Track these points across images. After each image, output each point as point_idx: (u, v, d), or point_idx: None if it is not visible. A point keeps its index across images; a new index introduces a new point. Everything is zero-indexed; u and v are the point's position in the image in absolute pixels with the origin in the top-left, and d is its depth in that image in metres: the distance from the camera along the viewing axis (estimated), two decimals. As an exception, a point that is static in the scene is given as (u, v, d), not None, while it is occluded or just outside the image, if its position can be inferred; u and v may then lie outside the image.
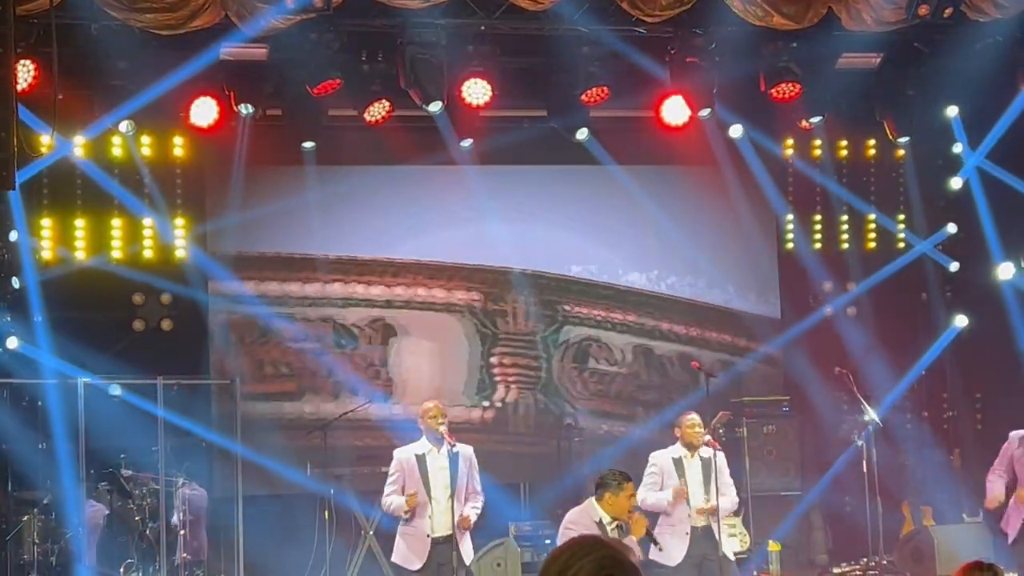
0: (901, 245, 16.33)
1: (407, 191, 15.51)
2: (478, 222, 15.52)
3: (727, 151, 15.21)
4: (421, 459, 11.12)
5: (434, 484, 11.04)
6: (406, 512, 11.03)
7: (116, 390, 13.40)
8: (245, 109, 13.38)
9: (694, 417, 11.83)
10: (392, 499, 11.16)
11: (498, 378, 15.51)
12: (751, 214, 16.00)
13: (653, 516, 11.74)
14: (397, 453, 11.31)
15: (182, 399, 13.87)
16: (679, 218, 16.11)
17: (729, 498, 11.86)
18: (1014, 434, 12.00)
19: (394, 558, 11.34)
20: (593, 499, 11.02)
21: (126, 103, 12.99)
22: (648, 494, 11.63)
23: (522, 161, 15.45)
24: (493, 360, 15.54)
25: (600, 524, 10.78)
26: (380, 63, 13.23)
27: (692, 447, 11.68)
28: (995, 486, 12.00)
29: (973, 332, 15.51)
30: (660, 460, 11.74)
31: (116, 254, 14.83)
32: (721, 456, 11.88)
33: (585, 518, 10.83)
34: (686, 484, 11.57)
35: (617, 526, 10.82)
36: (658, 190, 16.10)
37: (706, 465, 11.66)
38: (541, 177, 15.79)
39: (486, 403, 15.39)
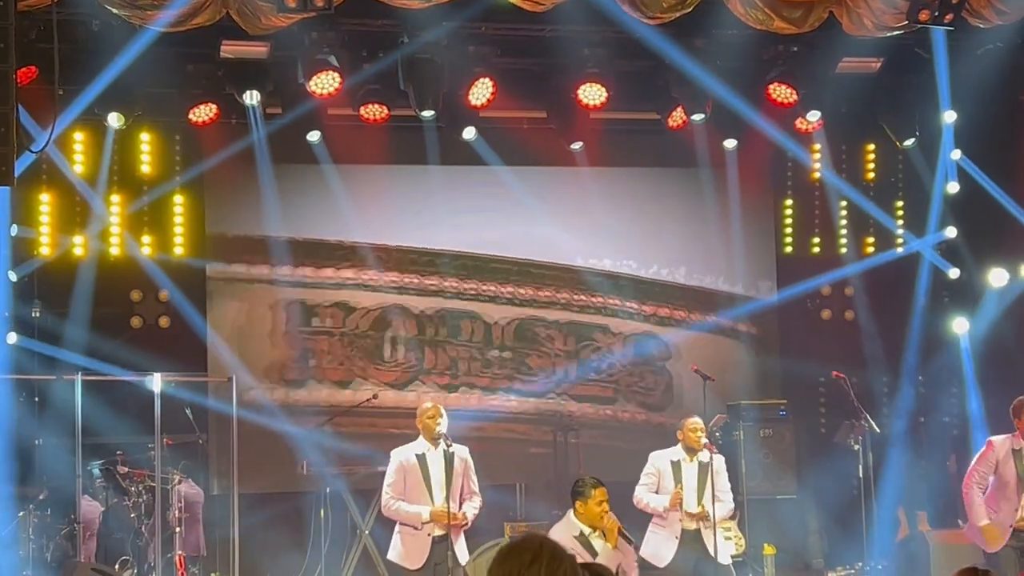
0: (900, 250, 16.34)
1: (406, 189, 15.52)
2: (476, 223, 15.57)
3: (725, 154, 15.25)
4: (421, 459, 11.07)
5: (434, 484, 11.02)
6: (425, 523, 10.96)
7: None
8: (250, 98, 13.36)
9: (697, 421, 11.85)
10: (400, 505, 11.02)
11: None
12: (749, 218, 16.04)
13: (646, 515, 11.75)
14: (395, 454, 11.24)
15: (178, 396, 13.85)
16: (678, 221, 16.15)
17: (725, 504, 11.86)
18: (998, 440, 11.83)
19: (391, 556, 11.28)
20: (571, 511, 10.90)
21: (125, 99, 13.03)
22: (644, 495, 11.66)
23: (521, 162, 15.46)
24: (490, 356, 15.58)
25: (582, 538, 10.69)
26: (381, 63, 13.23)
27: (692, 451, 11.70)
28: (979, 505, 11.61)
29: (970, 337, 15.51)
30: (658, 461, 11.75)
31: (114, 250, 14.85)
32: (720, 460, 11.89)
33: (566, 538, 10.47)
34: (682, 488, 11.59)
35: (599, 534, 10.76)
36: (657, 192, 16.15)
37: (703, 470, 11.68)
38: (538, 178, 15.79)
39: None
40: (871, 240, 16.64)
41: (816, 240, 16.67)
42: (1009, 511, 11.52)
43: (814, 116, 14.21)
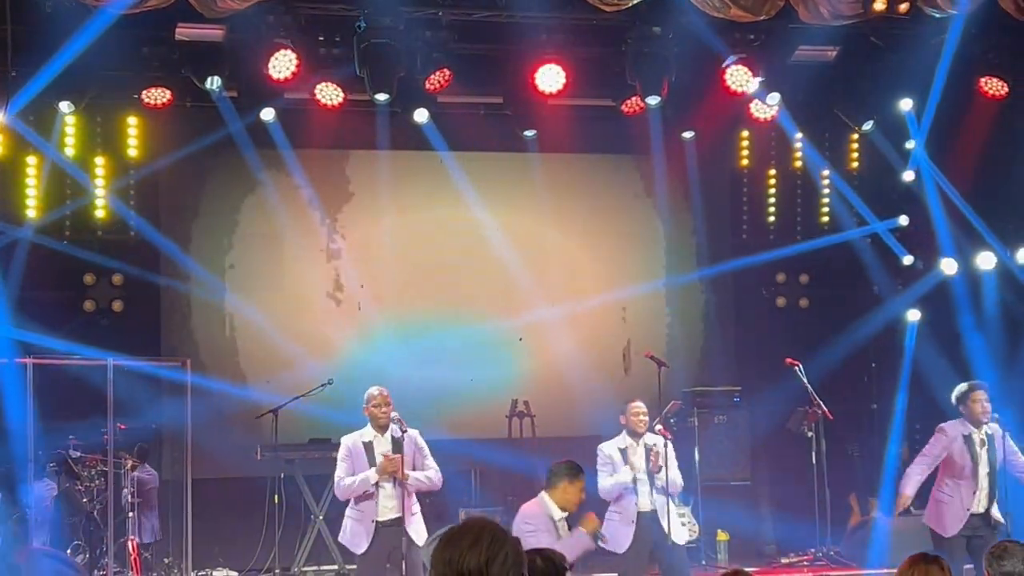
0: (856, 239, 16.45)
1: (363, 174, 15.54)
2: (436, 207, 15.58)
3: (681, 141, 15.30)
4: (368, 446, 11.08)
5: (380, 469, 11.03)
6: (375, 481, 10.92)
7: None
8: (212, 83, 13.26)
9: (639, 405, 11.88)
10: (346, 480, 10.99)
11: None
12: (706, 204, 16.12)
13: (603, 506, 11.76)
14: (344, 439, 11.24)
15: (133, 380, 13.77)
16: (634, 206, 16.21)
17: (678, 487, 11.91)
18: (950, 425, 11.92)
19: (341, 538, 11.29)
20: (544, 493, 10.74)
21: (79, 82, 12.93)
22: (607, 480, 11.66)
23: (478, 148, 15.49)
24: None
25: (552, 520, 10.61)
26: (337, 47, 13.18)
27: (636, 435, 11.74)
28: (913, 478, 11.78)
29: (923, 325, 15.62)
30: (608, 450, 11.78)
31: (67, 233, 14.78)
32: (669, 446, 11.90)
33: (541, 515, 10.53)
34: (633, 470, 11.62)
35: (565, 519, 10.75)
36: (613, 178, 16.20)
37: (649, 452, 11.73)
38: (495, 164, 15.82)
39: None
40: (826, 222, 16.75)
41: (771, 221, 16.77)
42: (967, 494, 11.58)
43: (774, 99, 14.18)
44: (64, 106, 13.37)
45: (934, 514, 11.73)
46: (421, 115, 14.11)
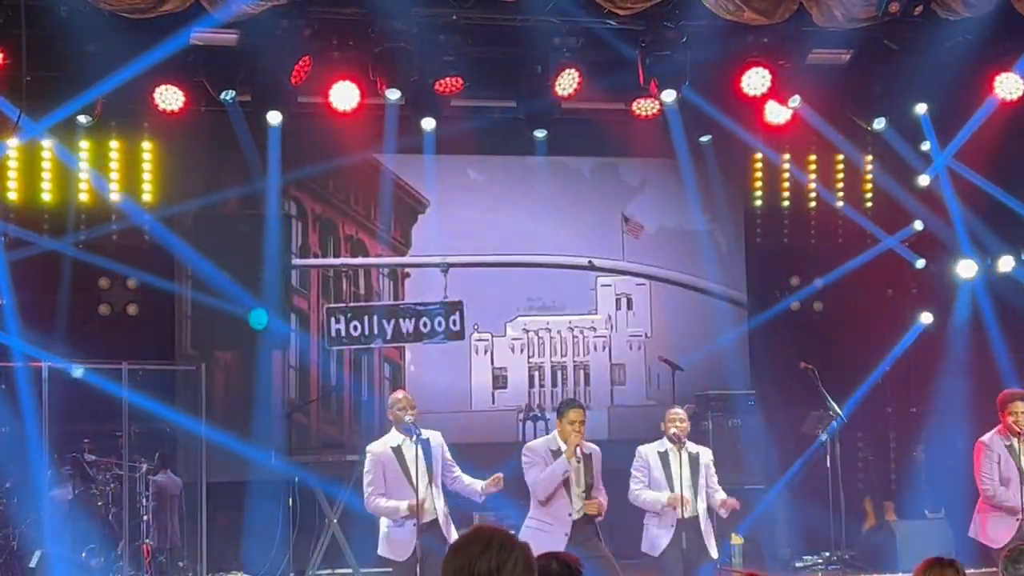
0: (868, 241, 16.43)
1: (375, 178, 15.55)
2: (447, 211, 15.57)
3: (696, 144, 15.28)
4: (397, 451, 11.03)
5: (413, 474, 10.98)
6: (404, 517, 10.89)
7: (79, 371, 13.26)
8: (227, 95, 13.26)
9: (677, 411, 11.89)
10: (380, 501, 10.96)
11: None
12: (719, 208, 16.09)
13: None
14: (371, 448, 11.18)
15: (148, 384, 13.78)
16: (648, 210, 16.19)
17: (716, 498, 11.88)
18: (990, 439, 11.64)
19: (381, 551, 11.20)
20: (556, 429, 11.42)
21: (94, 87, 12.93)
22: (641, 491, 11.67)
23: (488, 151, 15.50)
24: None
25: (556, 453, 11.22)
26: (351, 52, 13.18)
27: (678, 441, 11.72)
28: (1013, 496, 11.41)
29: (938, 328, 15.60)
30: (646, 453, 11.77)
31: (82, 236, 14.80)
32: (708, 454, 11.89)
33: (542, 449, 11.40)
34: (671, 479, 11.59)
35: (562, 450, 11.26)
36: (628, 182, 16.18)
37: (693, 460, 11.72)
38: (507, 167, 15.82)
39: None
40: (840, 232, 16.73)
41: (785, 231, 16.75)
42: (1015, 503, 11.44)
43: (795, 101, 14.05)
44: (82, 119, 13.37)
45: (982, 527, 11.61)
46: (428, 123, 14.10)
